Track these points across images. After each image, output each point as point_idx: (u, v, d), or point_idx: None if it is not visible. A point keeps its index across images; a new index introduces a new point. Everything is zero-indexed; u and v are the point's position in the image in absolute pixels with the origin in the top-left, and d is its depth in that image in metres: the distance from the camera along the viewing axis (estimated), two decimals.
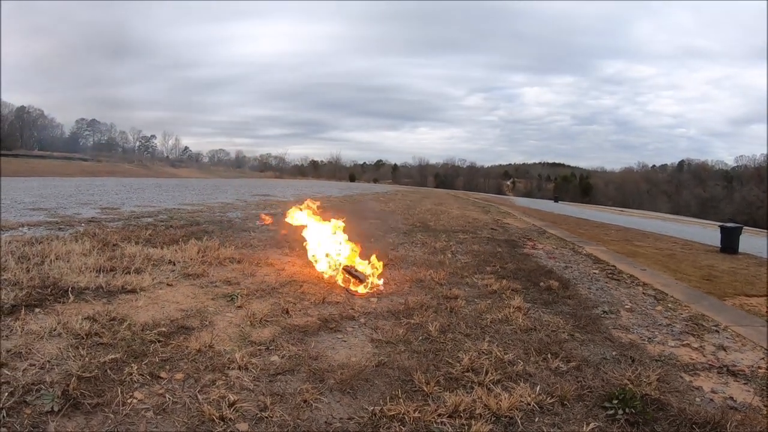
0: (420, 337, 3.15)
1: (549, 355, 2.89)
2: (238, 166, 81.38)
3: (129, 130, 79.38)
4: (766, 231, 20.61)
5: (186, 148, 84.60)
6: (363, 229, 8.64)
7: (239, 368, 2.50)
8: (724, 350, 3.24)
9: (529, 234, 10.20)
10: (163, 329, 2.88)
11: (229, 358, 2.59)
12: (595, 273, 5.98)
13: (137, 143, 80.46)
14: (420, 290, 4.42)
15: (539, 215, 18.61)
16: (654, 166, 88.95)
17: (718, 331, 3.65)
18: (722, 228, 10.44)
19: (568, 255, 7.45)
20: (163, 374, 2.37)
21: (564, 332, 3.42)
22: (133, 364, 2.38)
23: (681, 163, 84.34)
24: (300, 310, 3.56)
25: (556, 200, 45.63)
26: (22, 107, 63.78)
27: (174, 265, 4.57)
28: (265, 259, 5.19)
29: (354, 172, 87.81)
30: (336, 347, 2.95)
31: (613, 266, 6.48)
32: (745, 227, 11.96)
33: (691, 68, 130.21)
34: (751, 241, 12.50)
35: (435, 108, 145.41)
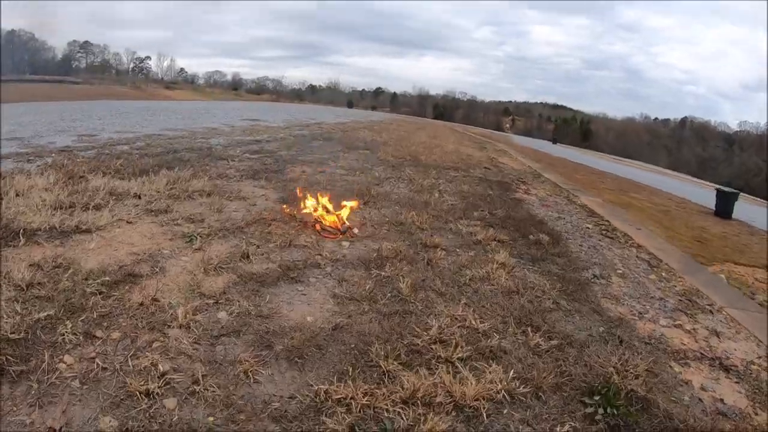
0: (388, 294, 2.81)
1: (529, 329, 2.58)
2: (234, 88, 77.02)
3: (123, 51, 73.25)
4: (763, 200, 20.30)
5: (181, 69, 79.13)
6: (350, 162, 8.10)
7: (180, 327, 2.20)
8: (717, 336, 2.97)
9: (524, 177, 9.73)
10: (108, 278, 2.55)
11: (171, 314, 2.29)
12: (588, 228, 5.65)
13: (131, 65, 74.87)
14: (398, 235, 4.04)
15: (536, 156, 18.03)
16: (656, 118, 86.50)
17: (713, 312, 3.38)
18: (719, 191, 10.03)
19: (562, 204, 7.07)
20: (98, 333, 2.08)
21: (549, 299, 3.11)
22: (67, 322, 2.10)
23: (684, 119, 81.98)
24: (262, 255, 3.22)
25: (554, 142, 44.31)
26: (12, 31, 58.28)
27: (139, 198, 4.17)
28: (237, 192, 4.75)
29: (352, 99, 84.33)
30: (293, 302, 2.60)
31: (608, 221, 6.15)
32: (741, 193, 11.60)
33: (710, 25, 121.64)
34: (745, 207, 12.24)
35: (442, 37, 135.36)
